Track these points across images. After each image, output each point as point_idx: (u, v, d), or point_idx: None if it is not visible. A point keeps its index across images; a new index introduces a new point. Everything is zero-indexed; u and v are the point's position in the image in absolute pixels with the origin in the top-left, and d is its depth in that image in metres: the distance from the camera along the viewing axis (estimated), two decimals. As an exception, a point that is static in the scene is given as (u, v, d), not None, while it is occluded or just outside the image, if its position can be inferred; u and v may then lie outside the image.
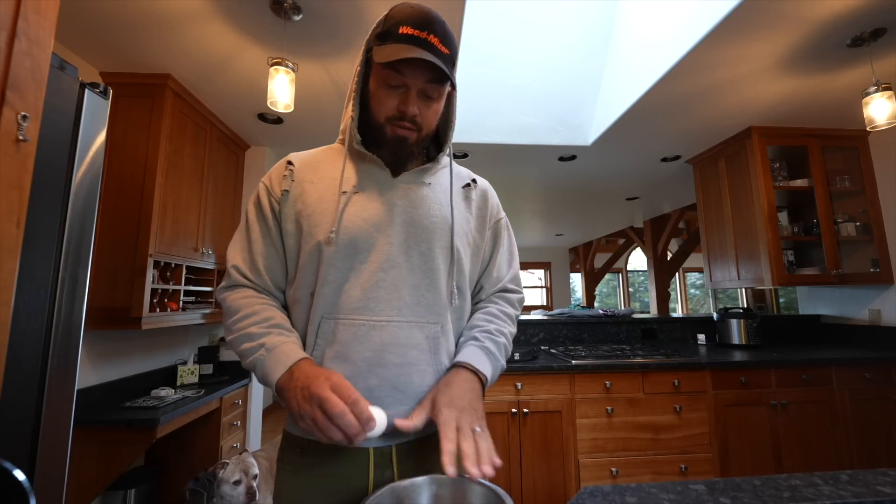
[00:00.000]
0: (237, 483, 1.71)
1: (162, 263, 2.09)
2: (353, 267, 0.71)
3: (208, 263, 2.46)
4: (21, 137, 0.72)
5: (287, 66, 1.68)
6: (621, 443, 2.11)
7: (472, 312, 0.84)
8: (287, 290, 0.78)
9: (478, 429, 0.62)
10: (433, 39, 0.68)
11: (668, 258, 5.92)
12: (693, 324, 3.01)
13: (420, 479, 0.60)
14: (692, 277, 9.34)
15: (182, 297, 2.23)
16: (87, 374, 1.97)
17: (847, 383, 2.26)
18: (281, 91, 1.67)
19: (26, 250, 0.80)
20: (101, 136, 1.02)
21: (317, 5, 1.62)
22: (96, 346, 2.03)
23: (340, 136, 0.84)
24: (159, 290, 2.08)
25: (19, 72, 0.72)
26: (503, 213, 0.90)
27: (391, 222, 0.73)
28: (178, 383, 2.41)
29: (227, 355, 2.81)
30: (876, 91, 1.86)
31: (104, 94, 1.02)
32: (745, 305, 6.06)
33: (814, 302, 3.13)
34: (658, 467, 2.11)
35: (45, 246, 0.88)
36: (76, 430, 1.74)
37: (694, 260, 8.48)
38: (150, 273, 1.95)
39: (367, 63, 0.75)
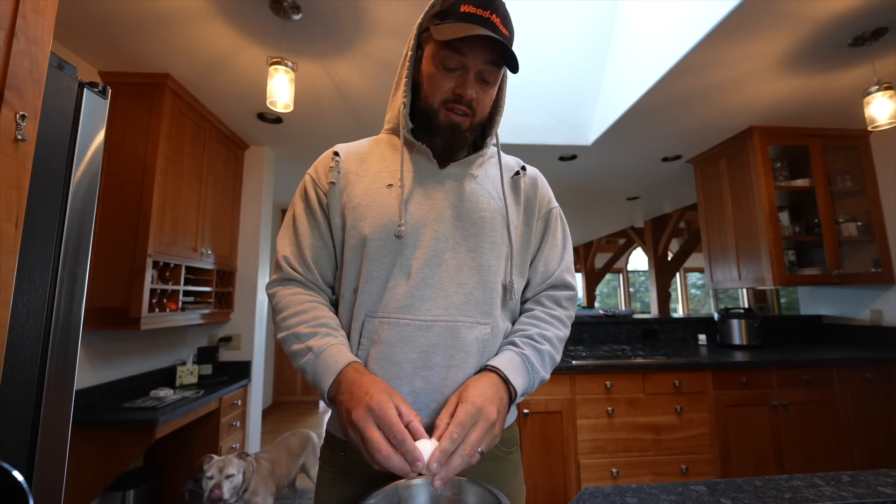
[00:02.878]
0: (210, 478, 1.72)
1: (161, 263, 2.09)
2: (399, 263, 0.68)
3: (207, 264, 2.46)
4: (19, 137, 0.72)
5: (286, 65, 1.67)
6: (622, 443, 2.10)
7: (521, 313, 0.78)
8: (335, 286, 0.76)
9: (480, 450, 0.55)
10: (496, 19, 0.65)
11: (669, 258, 5.91)
12: (694, 324, 3.01)
13: (421, 480, 0.59)
14: (693, 277, 9.33)
15: (181, 298, 2.23)
16: (85, 375, 1.97)
17: (848, 384, 2.26)
18: (280, 91, 1.67)
19: (25, 250, 0.80)
20: (100, 136, 1.01)
21: (316, 5, 1.62)
22: (95, 346, 2.03)
23: (387, 126, 0.81)
24: (158, 291, 2.07)
25: (18, 71, 0.72)
26: (555, 203, 0.84)
27: (439, 217, 0.70)
28: (178, 384, 2.41)
29: (226, 355, 2.81)
30: (877, 90, 1.85)
31: (103, 93, 1.01)
32: (746, 306, 6.06)
33: (815, 302, 3.12)
34: (659, 468, 2.10)
35: (43, 246, 0.88)
36: (75, 430, 1.73)
37: (695, 260, 8.47)
38: (149, 273, 1.95)
39: (418, 47, 0.72)
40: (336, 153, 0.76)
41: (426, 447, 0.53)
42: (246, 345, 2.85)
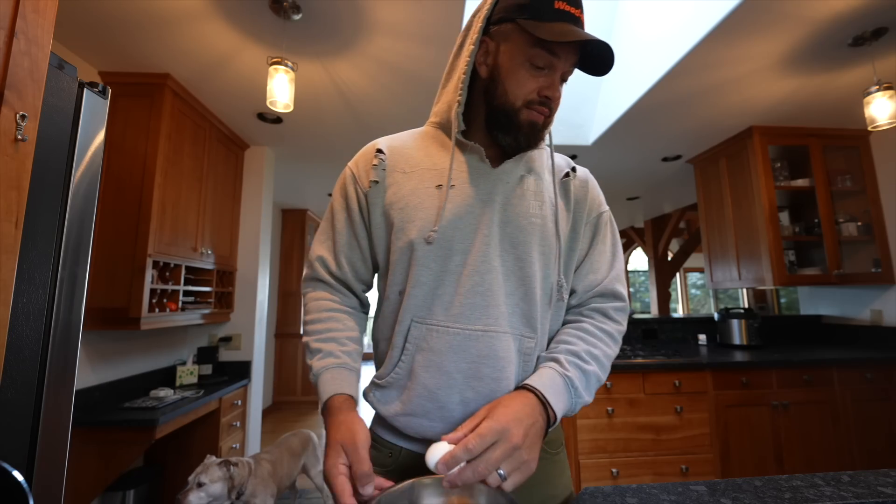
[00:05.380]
0: (188, 483, 1.73)
1: (161, 263, 2.09)
2: (448, 269, 0.66)
3: (207, 264, 2.46)
4: (19, 137, 0.72)
5: (286, 65, 1.67)
6: (622, 443, 2.10)
7: (565, 323, 0.74)
8: (379, 284, 0.76)
9: (500, 472, 0.51)
10: (583, 19, 0.63)
11: (669, 258, 5.91)
12: (694, 324, 3.01)
13: (436, 479, 0.56)
14: (693, 277, 9.32)
15: (181, 298, 2.23)
16: (85, 375, 1.97)
17: (848, 384, 2.26)
18: (280, 90, 1.67)
19: (25, 250, 0.80)
20: (100, 136, 1.01)
21: (316, 5, 1.62)
22: (95, 346, 2.03)
23: (434, 119, 0.76)
24: (158, 291, 2.07)
25: (18, 71, 0.72)
26: (605, 206, 0.78)
27: (489, 221, 0.67)
28: (177, 384, 2.40)
29: (226, 355, 2.81)
30: (877, 90, 1.85)
31: (103, 93, 1.01)
32: (746, 306, 6.06)
33: (815, 302, 3.12)
34: (659, 468, 2.10)
35: (43, 246, 0.88)
36: (75, 430, 1.73)
37: (695, 260, 8.46)
38: (149, 273, 1.95)
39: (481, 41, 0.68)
40: (380, 150, 0.73)
41: (442, 449, 0.53)
42: (246, 345, 2.85)
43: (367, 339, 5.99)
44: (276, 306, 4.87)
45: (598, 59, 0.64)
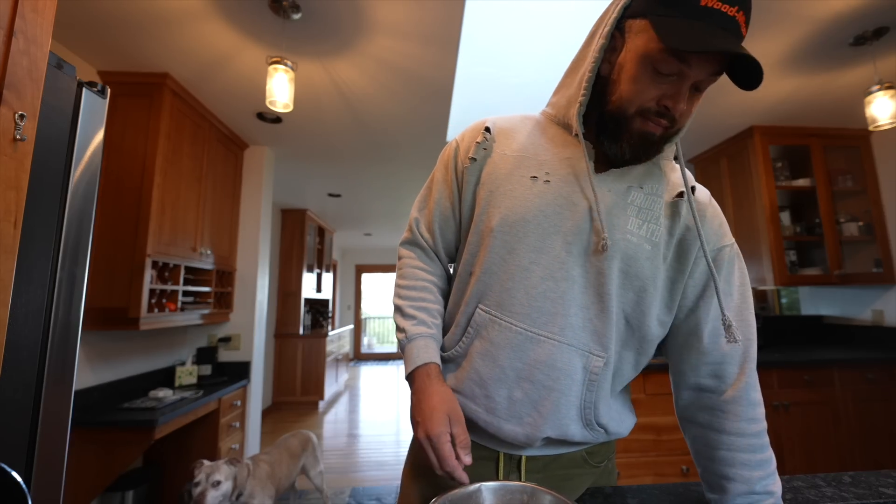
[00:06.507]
0: (197, 485, 1.72)
1: (160, 264, 2.08)
2: (521, 265, 0.62)
3: (207, 264, 2.46)
4: (18, 137, 0.72)
5: (286, 65, 1.67)
6: (622, 444, 2.10)
7: (681, 399, 0.67)
8: (456, 258, 0.77)
9: None
10: (741, 18, 0.51)
11: (669, 258, 5.90)
12: (694, 324, 3.00)
13: (495, 484, 0.57)
14: (693, 277, 9.31)
15: (180, 298, 2.22)
16: (84, 375, 1.97)
17: (849, 384, 2.25)
18: (280, 90, 1.67)
19: (23, 250, 0.80)
20: (99, 136, 1.01)
21: (316, 4, 1.61)
22: (94, 346, 2.03)
23: (550, 110, 0.72)
24: (157, 291, 2.07)
25: (16, 71, 0.71)
26: (730, 238, 0.66)
27: (575, 228, 0.61)
28: (177, 384, 2.40)
29: (225, 356, 2.80)
30: (878, 90, 1.85)
31: (102, 93, 1.01)
32: (746, 305, 6.04)
33: (816, 302, 3.12)
34: (659, 469, 2.10)
35: (42, 246, 0.88)
36: (74, 431, 1.73)
37: (694, 260, 8.45)
38: (149, 273, 1.95)
39: (616, 30, 0.59)
40: (487, 128, 0.71)
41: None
42: (245, 345, 2.84)
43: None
44: (276, 306, 4.86)
45: (743, 70, 0.53)
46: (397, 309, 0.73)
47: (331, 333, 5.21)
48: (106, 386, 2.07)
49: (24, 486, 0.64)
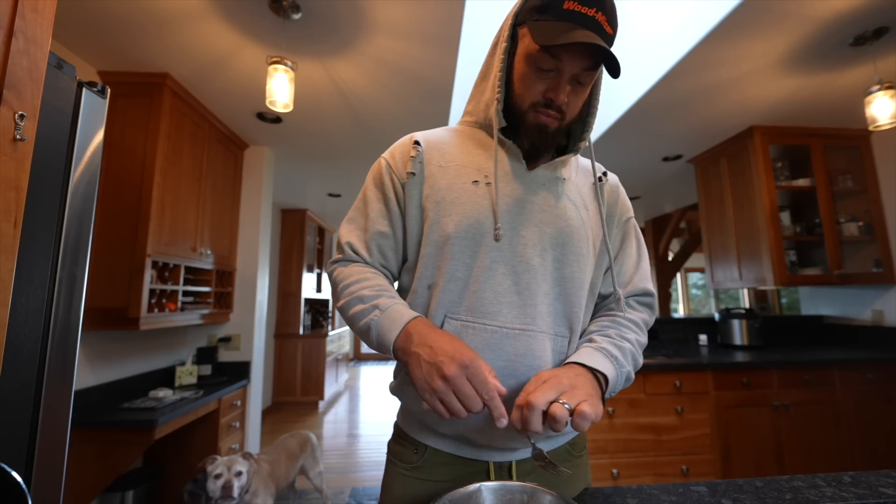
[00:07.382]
0: (218, 477, 1.71)
1: (160, 264, 2.08)
2: (484, 265, 0.65)
3: (206, 264, 2.46)
4: (18, 137, 0.72)
5: (286, 64, 1.67)
6: (622, 444, 2.10)
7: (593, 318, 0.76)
8: (402, 277, 0.75)
9: (565, 404, 0.51)
10: (601, 17, 0.59)
11: (670, 258, 5.91)
12: (695, 324, 3.00)
13: (495, 484, 0.58)
14: (694, 277, 9.32)
15: (180, 298, 2.23)
16: (84, 375, 1.97)
17: (850, 384, 2.25)
18: (280, 90, 1.67)
19: (23, 250, 0.80)
20: (99, 136, 1.01)
21: (316, 4, 1.61)
22: (94, 346, 2.03)
23: (468, 118, 0.77)
24: (157, 291, 2.07)
25: (16, 71, 0.71)
26: (632, 212, 0.81)
27: (527, 221, 0.67)
28: (177, 384, 2.40)
29: (225, 356, 2.80)
30: (878, 90, 1.85)
31: (102, 93, 1.01)
32: (747, 306, 6.05)
33: (816, 302, 3.12)
34: (659, 469, 2.10)
35: (42, 246, 0.88)
36: (74, 431, 1.73)
37: (695, 260, 8.46)
38: (148, 273, 1.95)
39: (512, 38, 0.67)
40: (417, 142, 0.73)
41: None
42: (245, 345, 2.84)
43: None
44: (276, 306, 4.86)
45: (612, 64, 0.60)
46: (351, 301, 0.67)
47: (331, 333, 5.21)
48: (106, 386, 2.07)
49: (24, 486, 0.64)
